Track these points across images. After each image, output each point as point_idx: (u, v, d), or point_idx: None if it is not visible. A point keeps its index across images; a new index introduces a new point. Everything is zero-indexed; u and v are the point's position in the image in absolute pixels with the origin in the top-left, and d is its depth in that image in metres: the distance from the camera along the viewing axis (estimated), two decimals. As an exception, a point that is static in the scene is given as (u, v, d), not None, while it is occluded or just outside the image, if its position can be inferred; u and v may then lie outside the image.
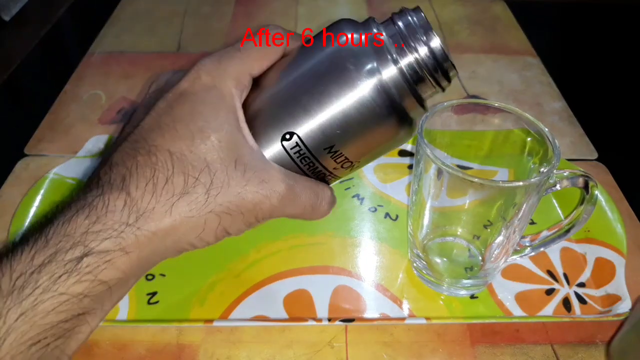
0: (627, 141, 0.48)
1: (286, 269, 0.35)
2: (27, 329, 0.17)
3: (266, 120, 0.23)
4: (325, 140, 0.22)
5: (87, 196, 0.20)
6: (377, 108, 0.22)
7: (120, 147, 0.21)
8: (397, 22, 0.23)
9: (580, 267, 0.36)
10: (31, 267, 0.17)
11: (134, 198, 0.20)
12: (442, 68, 0.22)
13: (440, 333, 0.31)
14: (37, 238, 0.18)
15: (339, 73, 0.22)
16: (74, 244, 0.18)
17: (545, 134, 0.29)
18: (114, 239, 0.19)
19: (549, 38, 0.63)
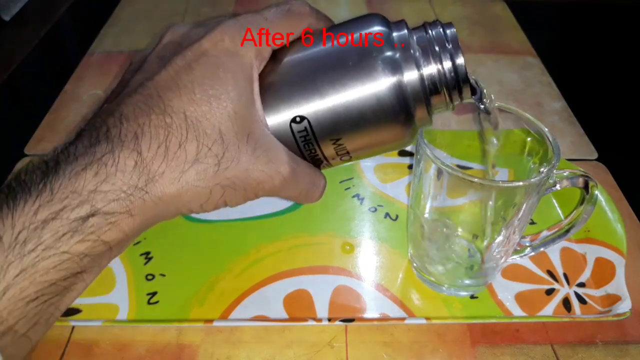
0: (627, 141, 0.48)
1: (286, 269, 0.35)
2: (26, 285, 0.17)
3: (279, 98, 0.22)
4: (333, 131, 0.22)
5: (96, 150, 0.18)
6: (390, 107, 0.22)
7: (130, 98, 0.20)
8: (429, 30, 0.23)
9: (580, 267, 0.36)
10: (34, 222, 0.17)
11: (144, 159, 0.19)
12: (459, 86, 0.23)
13: (441, 333, 0.31)
14: (42, 189, 0.17)
15: (364, 64, 0.22)
16: (81, 202, 0.18)
17: (545, 134, 0.29)
18: (122, 201, 0.18)
19: (549, 38, 0.63)
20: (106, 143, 0.19)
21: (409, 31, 0.23)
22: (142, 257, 0.36)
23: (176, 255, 0.36)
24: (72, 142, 0.19)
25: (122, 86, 0.22)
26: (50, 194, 0.17)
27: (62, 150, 0.19)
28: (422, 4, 0.66)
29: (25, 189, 0.18)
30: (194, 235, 0.37)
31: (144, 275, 0.35)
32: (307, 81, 0.22)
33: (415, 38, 0.23)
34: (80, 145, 0.19)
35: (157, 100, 0.20)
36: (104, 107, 0.21)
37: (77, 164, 0.18)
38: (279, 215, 0.39)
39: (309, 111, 0.22)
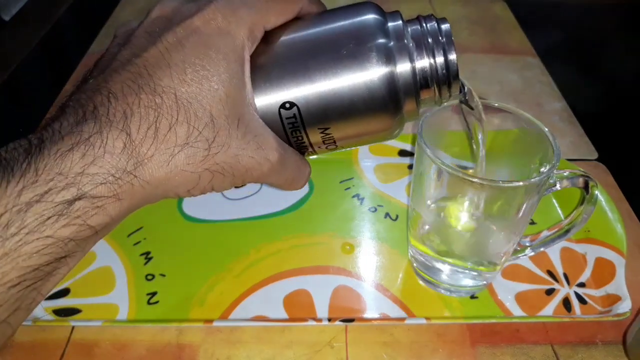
0: (627, 141, 0.48)
1: (286, 269, 0.35)
2: (8, 270, 0.16)
3: (269, 82, 0.22)
4: (322, 119, 0.22)
5: (83, 129, 0.18)
6: (381, 97, 0.22)
7: (118, 75, 0.19)
8: (423, 24, 0.23)
9: (580, 267, 0.36)
10: (18, 204, 0.16)
11: (133, 141, 0.18)
12: (449, 82, 0.23)
13: (440, 333, 0.31)
14: (25, 169, 0.17)
15: (358, 52, 0.21)
16: (67, 185, 0.17)
17: (545, 134, 0.29)
18: (110, 185, 0.18)
19: (549, 38, 0.63)
20: (94, 122, 0.18)
21: (403, 22, 0.23)
22: (142, 257, 0.36)
23: (176, 255, 0.36)
24: (56, 118, 0.19)
25: (108, 60, 0.21)
26: (35, 175, 0.17)
27: (45, 127, 0.18)
28: (422, 3, 0.66)
29: (8, 168, 0.17)
30: (194, 235, 0.37)
31: (144, 275, 0.35)
32: (298, 66, 0.22)
33: (410, 30, 0.22)
34: (65, 123, 0.18)
35: (147, 78, 0.19)
36: (90, 82, 0.20)
37: (63, 143, 0.17)
38: (279, 215, 0.39)
39: (299, 98, 0.22)
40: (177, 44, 0.20)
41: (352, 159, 0.44)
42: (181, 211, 0.39)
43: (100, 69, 0.20)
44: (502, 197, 0.29)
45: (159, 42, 0.20)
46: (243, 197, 0.40)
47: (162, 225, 0.38)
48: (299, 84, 0.22)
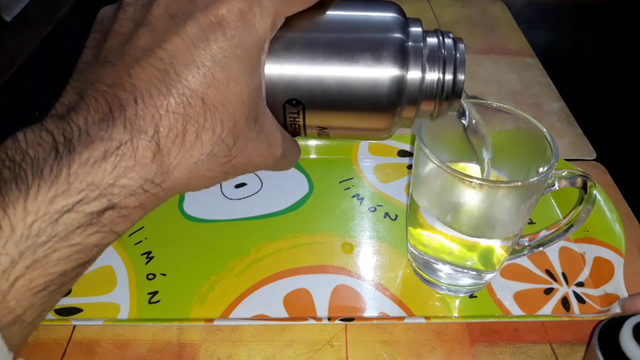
0: (626, 141, 0.48)
1: (286, 269, 0.35)
2: (36, 276, 0.16)
3: (281, 74, 0.21)
4: (323, 117, 0.22)
5: (113, 135, 0.17)
6: (386, 98, 0.22)
7: (142, 69, 0.18)
8: (441, 37, 0.23)
9: (579, 267, 0.36)
10: (49, 213, 0.16)
11: (162, 150, 0.18)
12: (451, 101, 0.23)
13: (440, 332, 0.32)
14: (57, 175, 0.16)
15: (376, 48, 0.21)
16: (99, 196, 0.17)
17: (544, 134, 0.29)
18: (138, 196, 0.18)
19: (547, 39, 0.63)
20: (123, 127, 0.17)
21: (423, 30, 0.23)
22: (143, 256, 0.36)
23: (177, 254, 0.36)
24: (77, 108, 0.18)
25: (124, 38, 0.19)
26: (67, 183, 0.16)
27: (65, 118, 0.17)
28: (421, 4, 0.66)
29: (37, 170, 0.16)
30: (195, 235, 0.38)
31: (145, 275, 0.35)
32: (312, 60, 0.21)
33: (428, 41, 0.23)
34: (90, 120, 0.17)
35: (175, 79, 0.18)
36: (107, 64, 0.18)
37: (94, 150, 0.17)
38: (279, 215, 0.39)
39: (307, 97, 0.22)
40: (203, 38, 0.18)
41: (352, 159, 0.44)
42: (182, 211, 0.39)
43: (116, 48, 0.19)
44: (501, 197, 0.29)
45: (182, 31, 0.18)
46: (243, 197, 0.41)
47: (163, 225, 0.38)
48: (309, 81, 0.21)
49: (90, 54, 0.19)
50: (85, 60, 0.19)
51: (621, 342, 0.25)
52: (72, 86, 0.19)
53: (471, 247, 0.32)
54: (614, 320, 0.27)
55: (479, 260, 0.33)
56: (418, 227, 0.33)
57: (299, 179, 0.42)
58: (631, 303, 0.30)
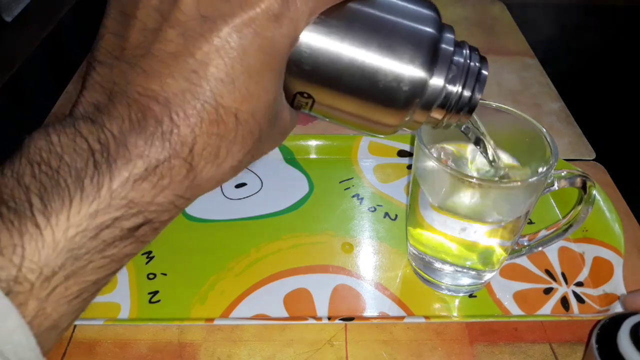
0: (625, 141, 0.48)
1: (286, 268, 0.35)
2: (72, 284, 0.17)
3: (299, 70, 0.20)
4: (331, 109, 0.22)
5: (151, 154, 0.17)
6: (402, 98, 0.21)
7: (173, 80, 0.17)
8: (469, 52, 0.23)
9: (578, 267, 0.36)
10: (90, 227, 0.16)
11: (195, 168, 0.18)
12: (461, 117, 0.23)
13: (439, 332, 0.32)
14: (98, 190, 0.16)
15: (407, 46, 0.20)
16: (137, 213, 0.17)
17: (543, 134, 0.29)
18: (170, 212, 0.18)
19: (547, 39, 0.63)
20: (161, 146, 0.17)
21: (454, 39, 0.22)
22: (143, 256, 0.36)
23: (177, 254, 0.36)
24: (107, 113, 0.17)
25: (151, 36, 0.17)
26: (108, 199, 0.16)
27: (101, 127, 0.17)
28: (421, 5, 0.66)
29: (77, 181, 0.16)
30: (195, 234, 0.38)
31: (145, 275, 0.35)
32: (335, 57, 0.20)
33: (457, 50, 0.22)
34: (124, 129, 0.17)
35: (209, 96, 0.17)
36: (135, 66, 0.17)
37: (135, 166, 0.17)
38: (279, 215, 0.39)
39: (319, 94, 0.21)
40: (238, 48, 0.17)
41: (352, 159, 0.44)
42: (183, 211, 0.39)
43: (143, 47, 0.17)
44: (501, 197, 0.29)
45: (216, 39, 0.17)
46: (243, 197, 0.41)
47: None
48: (327, 80, 0.21)
49: (113, 45, 0.18)
50: (109, 50, 0.18)
51: (619, 343, 0.25)
52: (97, 82, 0.18)
53: (471, 247, 0.32)
54: (612, 320, 0.27)
55: (479, 260, 0.33)
56: (418, 227, 0.33)
57: (299, 179, 0.42)
58: (632, 300, 0.31)
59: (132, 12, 0.18)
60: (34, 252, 0.15)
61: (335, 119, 0.23)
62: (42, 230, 0.16)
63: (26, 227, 0.15)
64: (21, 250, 0.15)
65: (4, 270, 0.15)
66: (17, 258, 0.15)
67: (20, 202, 0.16)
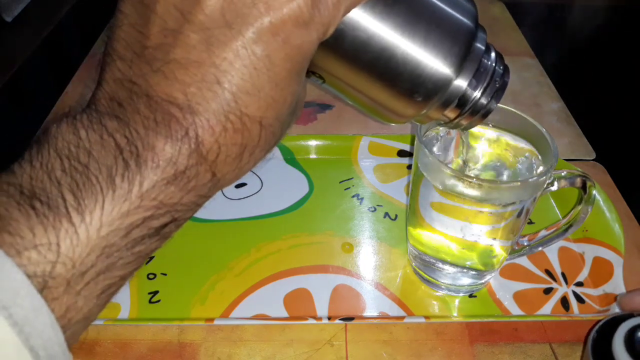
0: (625, 141, 0.48)
1: (286, 268, 0.35)
2: (102, 279, 0.17)
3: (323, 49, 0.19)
4: (346, 93, 0.22)
5: (180, 158, 0.17)
6: (422, 92, 0.20)
7: (198, 89, 0.16)
8: (496, 58, 0.22)
9: (578, 267, 0.36)
10: (122, 227, 0.17)
11: (219, 172, 0.18)
12: (472, 121, 0.23)
13: (439, 332, 0.32)
14: (129, 191, 0.16)
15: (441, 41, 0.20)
16: (165, 213, 0.18)
17: (543, 134, 0.29)
18: (194, 210, 0.19)
19: (547, 39, 0.63)
20: (188, 153, 0.17)
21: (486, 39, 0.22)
22: (143, 256, 0.36)
23: (177, 254, 0.36)
24: (130, 111, 0.17)
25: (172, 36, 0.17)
26: (139, 200, 0.17)
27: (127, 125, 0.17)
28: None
29: (109, 179, 0.16)
30: (195, 234, 0.38)
31: (145, 274, 0.35)
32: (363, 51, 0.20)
33: (486, 55, 0.22)
34: (150, 130, 0.17)
35: (234, 107, 0.17)
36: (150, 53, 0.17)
37: (164, 171, 0.17)
38: (279, 215, 0.39)
39: (338, 73, 0.21)
40: (264, 57, 0.16)
41: (352, 159, 0.44)
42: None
43: (164, 49, 0.17)
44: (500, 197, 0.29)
45: (240, 46, 0.16)
46: (243, 197, 0.41)
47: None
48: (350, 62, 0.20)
49: (133, 39, 0.17)
50: (130, 44, 0.17)
51: (613, 349, 0.25)
52: (118, 78, 0.17)
53: (471, 247, 0.32)
54: (608, 323, 0.27)
55: (479, 260, 0.33)
56: (418, 227, 0.33)
57: (299, 179, 0.42)
58: (628, 299, 0.31)
59: (151, 4, 0.17)
60: (68, 249, 0.16)
61: (349, 98, 0.22)
62: (77, 227, 0.16)
63: (61, 224, 0.16)
64: (56, 247, 0.16)
65: (40, 266, 0.15)
66: (52, 255, 0.16)
67: (53, 197, 0.16)
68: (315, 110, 0.50)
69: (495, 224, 0.30)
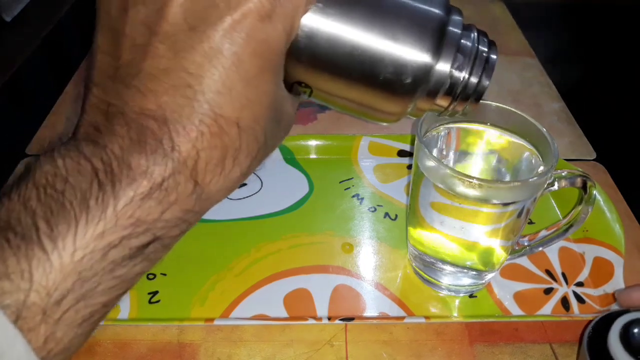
0: (625, 141, 0.48)
1: (286, 268, 0.35)
2: (81, 307, 0.16)
3: (295, 56, 0.19)
4: (334, 103, 0.21)
5: (155, 171, 0.16)
6: (409, 82, 0.20)
7: (168, 96, 0.16)
8: (478, 35, 0.21)
9: (578, 267, 0.36)
10: (97, 249, 0.16)
11: (202, 182, 0.17)
12: (468, 104, 0.22)
13: (439, 332, 0.32)
14: (103, 209, 0.16)
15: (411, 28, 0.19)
16: (145, 231, 0.17)
17: (543, 134, 0.29)
18: (180, 226, 0.18)
19: (547, 39, 0.63)
20: (164, 164, 0.17)
21: (462, 21, 0.21)
22: (143, 256, 0.36)
23: (177, 254, 0.36)
24: (107, 133, 0.17)
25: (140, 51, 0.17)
26: (114, 219, 0.16)
27: (103, 147, 0.17)
28: (421, 5, 0.66)
29: (83, 202, 0.16)
30: (195, 234, 0.37)
31: (145, 275, 0.35)
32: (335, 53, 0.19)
33: (465, 33, 0.21)
34: (126, 149, 0.16)
35: (207, 108, 0.17)
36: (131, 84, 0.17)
37: (139, 185, 0.16)
38: (279, 215, 0.39)
39: (318, 83, 0.20)
40: (231, 55, 0.16)
41: (352, 159, 0.44)
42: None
43: (135, 64, 0.17)
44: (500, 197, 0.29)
45: (207, 49, 0.16)
46: (243, 197, 0.41)
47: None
48: (326, 68, 0.20)
49: (107, 64, 0.18)
50: (103, 70, 0.18)
51: (609, 345, 0.25)
52: (94, 104, 0.18)
53: (471, 247, 0.32)
54: (603, 320, 0.27)
55: (479, 260, 0.33)
56: (418, 227, 0.33)
57: (299, 179, 0.42)
58: (626, 295, 0.30)
59: (120, 28, 0.17)
60: (42, 276, 0.15)
61: (337, 106, 0.22)
62: (50, 254, 0.15)
63: (33, 252, 0.15)
64: (29, 275, 0.15)
65: (13, 295, 0.15)
66: (25, 283, 0.15)
67: (27, 226, 0.16)
68: (315, 110, 0.50)
69: (495, 224, 0.30)
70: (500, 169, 0.33)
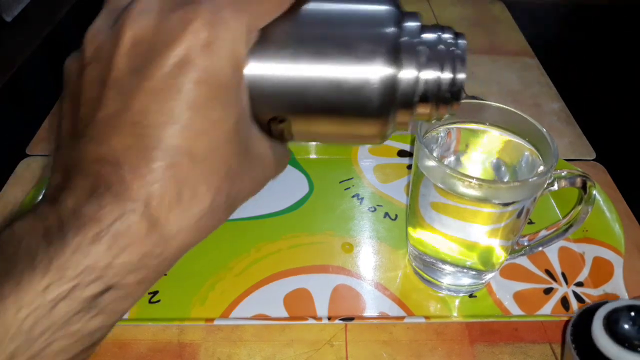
0: (625, 141, 0.48)
1: (286, 268, 0.35)
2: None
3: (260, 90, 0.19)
4: (314, 131, 0.21)
5: (103, 215, 0.16)
6: (376, 101, 0.19)
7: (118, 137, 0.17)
8: (439, 33, 0.21)
9: (578, 267, 0.36)
10: (43, 303, 0.15)
11: (158, 220, 0.17)
12: (450, 104, 0.21)
13: (439, 332, 0.32)
14: (49, 262, 0.16)
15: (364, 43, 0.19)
16: (95, 279, 0.16)
17: (543, 134, 0.29)
18: (138, 272, 0.17)
19: (547, 39, 0.63)
20: (112, 206, 0.16)
21: (421, 26, 0.21)
22: (143, 256, 0.36)
23: (177, 254, 0.36)
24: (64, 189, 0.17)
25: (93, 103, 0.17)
26: (61, 270, 0.16)
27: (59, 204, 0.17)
28: (421, 4, 0.66)
29: (28, 260, 0.16)
30: (195, 234, 0.38)
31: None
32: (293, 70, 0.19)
33: (425, 36, 0.20)
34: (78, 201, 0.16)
35: (156, 142, 0.16)
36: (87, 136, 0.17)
37: (86, 231, 0.16)
38: (279, 215, 0.39)
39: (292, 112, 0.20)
40: (172, 87, 0.16)
41: (352, 159, 0.44)
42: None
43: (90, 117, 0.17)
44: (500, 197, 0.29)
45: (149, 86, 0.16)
46: (243, 197, 0.41)
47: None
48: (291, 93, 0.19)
49: (68, 124, 0.18)
50: (65, 130, 0.18)
51: (594, 336, 0.25)
52: (57, 165, 0.18)
53: (471, 247, 0.32)
54: (584, 313, 0.27)
55: (479, 260, 0.33)
56: (418, 227, 0.33)
57: (299, 179, 0.42)
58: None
59: (79, 89, 0.18)
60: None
61: (320, 140, 0.22)
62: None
63: None
64: None
65: None
66: None
67: None
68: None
69: (495, 224, 0.30)
70: (500, 169, 0.33)
